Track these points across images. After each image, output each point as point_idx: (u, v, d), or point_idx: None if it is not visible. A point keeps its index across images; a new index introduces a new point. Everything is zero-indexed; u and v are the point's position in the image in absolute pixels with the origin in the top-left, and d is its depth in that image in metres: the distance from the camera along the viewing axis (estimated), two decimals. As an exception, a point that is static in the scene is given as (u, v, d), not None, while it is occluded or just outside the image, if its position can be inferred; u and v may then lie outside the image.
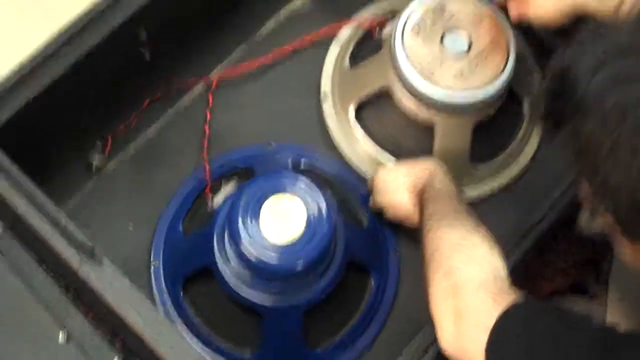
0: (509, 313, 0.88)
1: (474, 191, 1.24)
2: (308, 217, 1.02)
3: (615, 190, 0.76)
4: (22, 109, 1.08)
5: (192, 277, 1.14)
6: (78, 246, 0.98)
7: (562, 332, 0.84)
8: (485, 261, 0.96)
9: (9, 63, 1.10)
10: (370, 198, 1.19)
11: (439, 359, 1.02)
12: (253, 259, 1.01)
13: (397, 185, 1.12)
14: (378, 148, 1.23)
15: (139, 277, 1.14)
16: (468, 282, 0.94)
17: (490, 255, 0.96)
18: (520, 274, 1.04)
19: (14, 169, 1.02)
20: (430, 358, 1.03)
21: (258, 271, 1.03)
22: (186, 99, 1.28)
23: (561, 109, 0.80)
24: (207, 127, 1.25)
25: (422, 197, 1.08)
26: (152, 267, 1.16)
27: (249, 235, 1.01)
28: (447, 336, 0.95)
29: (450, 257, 0.97)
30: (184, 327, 1.11)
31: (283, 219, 1.02)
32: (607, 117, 0.75)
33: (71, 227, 0.99)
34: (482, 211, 1.08)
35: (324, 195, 1.04)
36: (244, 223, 1.01)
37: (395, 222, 1.16)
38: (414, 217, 1.10)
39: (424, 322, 1.02)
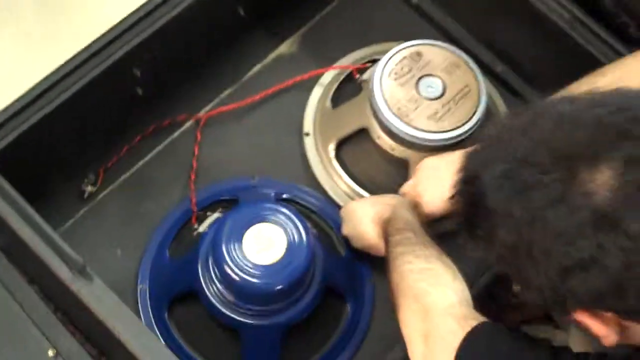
0: (472, 335, 0.93)
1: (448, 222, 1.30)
2: (288, 243, 1.09)
3: (538, 288, 0.79)
4: (20, 137, 1.15)
5: (176, 300, 1.20)
6: (70, 263, 1.04)
7: (520, 352, 0.89)
8: (449, 287, 1.02)
9: (11, 94, 1.17)
10: (342, 226, 1.25)
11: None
12: (235, 280, 1.07)
13: (361, 216, 1.19)
14: (355, 184, 1.30)
15: (126, 300, 1.17)
16: (435, 306, 0.99)
17: (453, 282, 1.03)
18: (489, 303, 1.10)
19: (11, 191, 1.08)
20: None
21: (240, 291, 1.09)
22: (176, 134, 1.35)
23: (473, 215, 0.83)
24: (194, 161, 1.32)
25: (386, 229, 1.14)
26: (139, 290, 1.22)
27: (232, 257, 1.07)
28: (417, 355, 1.00)
29: (417, 281, 1.03)
30: (169, 346, 1.16)
31: (265, 244, 1.09)
32: (517, 225, 0.78)
33: (64, 245, 1.05)
34: (453, 242, 1.14)
35: (303, 223, 1.11)
36: (228, 246, 1.08)
37: (362, 250, 1.22)
38: (379, 247, 1.16)
39: (395, 346, 1.09)
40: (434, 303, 1.00)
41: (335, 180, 1.32)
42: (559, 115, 0.78)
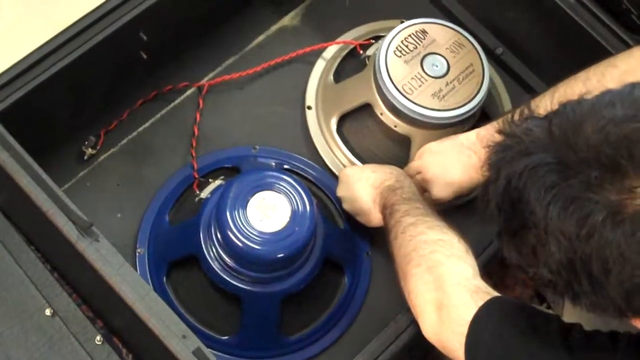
0: (485, 308, 0.94)
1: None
2: (292, 212, 1.10)
3: (594, 303, 0.77)
4: (25, 98, 1.15)
5: (175, 265, 1.20)
6: (76, 222, 1.04)
7: (533, 327, 0.90)
8: (463, 259, 1.03)
9: (17, 54, 1.16)
10: (337, 188, 1.25)
11: (402, 353, 1.10)
12: (238, 246, 1.08)
13: (359, 178, 1.19)
14: (356, 159, 1.31)
15: (124, 263, 1.20)
16: (448, 278, 1.00)
17: (466, 255, 1.04)
18: (484, 281, 1.12)
19: (19, 147, 1.08)
20: (391, 353, 1.09)
21: (241, 258, 1.10)
22: (177, 101, 1.35)
23: (516, 230, 0.80)
24: (196, 128, 1.32)
25: (389, 197, 1.14)
26: (137, 254, 1.22)
27: (236, 223, 1.08)
28: (429, 326, 1.01)
29: (432, 253, 1.03)
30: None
31: (269, 212, 1.10)
32: (571, 242, 0.75)
33: (70, 204, 1.05)
34: (450, 220, 1.16)
35: (308, 194, 1.12)
36: (232, 212, 1.08)
37: (351, 213, 1.22)
38: (371, 213, 1.17)
39: (390, 319, 1.10)
40: (448, 274, 1.01)
41: (336, 154, 1.32)
42: (604, 120, 0.75)
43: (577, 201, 0.74)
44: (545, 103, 1.11)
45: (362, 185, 1.18)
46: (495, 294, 0.97)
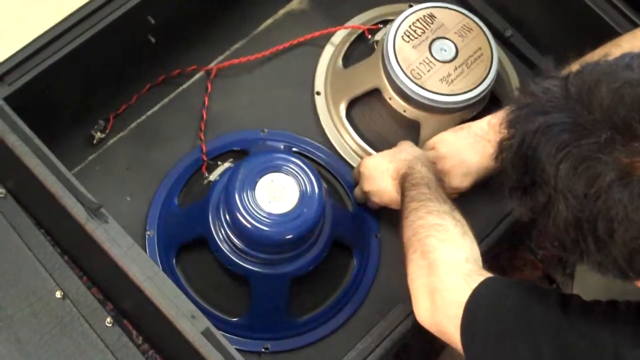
0: (479, 289, 0.95)
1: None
2: (301, 193, 1.10)
3: (597, 261, 0.78)
4: (33, 80, 1.15)
5: (184, 247, 1.21)
6: (85, 204, 1.04)
7: (528, 304, 0.90)
8: (457, 244, 1.03)
9: (26, 36, 1.16)
10: (356, 187, 1.26)
11: (409, 334, 1.10)
12: (247, 227, 1.08)
13: (381, 172, 1.19)
14: (365, 143, 1.31)
15: (134, 246, 1.20)
16: (441, 262, 1.01)
17: (462, 238, 1.04)
18: (492, 263, 1.12)
19: (28, 130, 1.09)
20: (400, 333, 1.10)
21: (250, 239, 1.10)
22: (186, 85, 1.35)
23: (527, 187, 0.81)
24: (204, 112, 1.32)
25: (402, 184, 1.15)
26: (147, 237, 1.22)
27: (244, 204, 1.08)
28: (423, 311, 1.02)
29: (426, 238, 1.04)
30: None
31: (277, 193, 1.10)
32: (580, 202, 0.76)
33: (79, 186, 1.05)
34: (457, 202, 1.16)
35: (316, 176, 1.12)
36: (240, 193, 1.08)
37: (381, 206, 1.23)
38: (397, 202, 1.17)
39: (399, 301, 1.11)
40: (441, 259, 1.01)
41: (345, 139, 1.33)
42: (620, 82, 0.76)
43: (588, 161, 0.75)
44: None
45: (385, 178, 1.19)
46: (489, 275, 0.97)
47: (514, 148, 0.81)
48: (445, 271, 1.00)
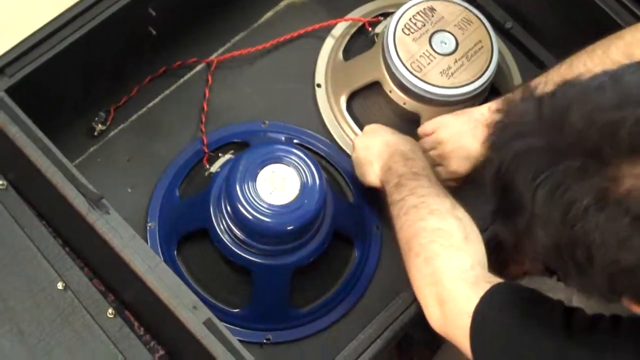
0: (486, 299, 0.94)
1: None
2: (301, 184, 1.10)
3: (581, 285, 0.78)
4: (34, 72, 1.15)
5: (185, 239, 1.21)
6: (87, 194, 1.04)
7: (534, 315, 0.90)
8: (461, 249, 1.02)
9: (27, 28, 1.16)
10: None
11: (410, 325, 1.11)
12: (248, 218, 1.08)
13: (378, 134, 1.20)
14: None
15: (135, 238, 1.20)
16: (446, 271, 1.00)
17: (465, 242, 1.02)
18: (493, 257, 1.12)
19: (29, 121, 1.09)
20: (401, 324, 1.10)
21: (251, 230, 1.11)
22: (187, 77, 1.36)
23: (507, 212, 0.80)
24: (205, 104, 1.32)
25: (398, 166, 1.13)
26: (148, 228, 1.23)
27: (246, 195, 1.08)
28: (434, 319, 1.01)
29: (430, 243, 1.03)
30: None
31: (278, 184, 1.10)
32: (557, 228, 0.75)
33: (80, 177, 1.06)
34: (458, 196, 1.16)
35: (317, 167, 1.12)
36: (242, 184, 1.09)
37: (354, 163, 1.23)
38: (370, 166, 1.18)
39: (400, 291, 1.11)
40: (446, 267, 1.00)
41: (346, 131, 1.33)
42: (591, 106, 0.74)
43: (563, 187, 0.74)
44: (553, 77, 1.12)
45: (378, 140, 1.19)
46: (497, 280, 0.97)
47: (493, 173, 0.80)
48: (451, 281, 0.99)
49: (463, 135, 1.19)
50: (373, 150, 1.19)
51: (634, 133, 0.71)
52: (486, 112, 1.19)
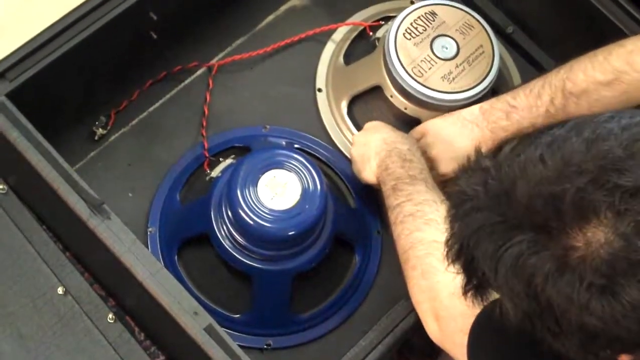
0: (483, 315, 0.93)
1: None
2: (303, 190, 1.10)
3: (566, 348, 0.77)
4: (35, 77, 1.15)
5: (186, 244, 1.21)
6: (88, 200, 1.04)
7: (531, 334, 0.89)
8: None
9: (28, 32, 1.16)
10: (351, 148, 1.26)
11: (411, 331, 1.11)
12: (249, 224, 1.08)
13: (378, 130, 1.20)
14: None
15: (136, 242, 1.20)
16: (443, 288, 1.00)
17: None
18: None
19: (30, 126, 1.09)
20: (402, 330, 1.11)
21: (253, 236, 1.11)
22: (187, 81, 1.35)
23: (476, 288, 0.79)
24: (206, 108, 1.32)
25: (395, 166, 1.13)
26: (149, 233, 1.22)
27: (247, 200, 1.08)
28: (433, 333, 1.02)
29: (426, 256, 1.03)
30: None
31: (279, 190, 1.10)
32: (522, 300, 0.74)
33: (82, 182, 1.06)
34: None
35: (318, 172, 1.12)
36: (243, 190, 1.09)
37: (352, 159, 1.23)
38: (367, 162, 1.17)
39: (401, 297, 1.11)
40: (442, 284, 1.00)
41: (347, 136, 1.33)
42: (534, 181, 0.73)
43: (521, 259, 0.73)
44: (551, 80, 1.13)
45: (377, 137, 1.19)
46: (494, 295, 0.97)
47: (455, 252, 0.80)
48: (447, 297, 0.99)
49: (450, 136, 1.19)
50: (371, 146, 1.19)
51: (577, 203, 0.71)
52: (477, 111, 1.19)
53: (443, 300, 0.99)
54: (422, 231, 1.05)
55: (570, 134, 0.75)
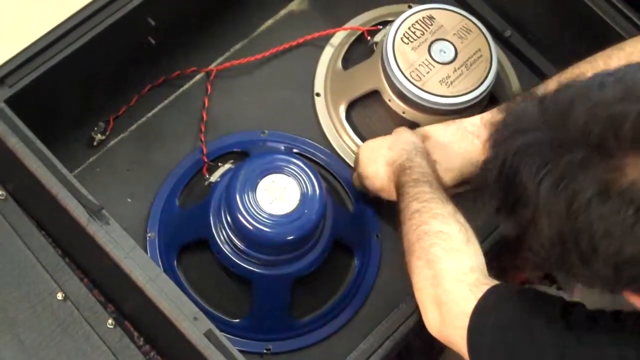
0: (484, 299, 0.95)
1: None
2: (302, 194, 1.10)
3: (584, 276, 0.79)
4: (33, 83, 1.15)
5: (185, 249, 1.21)
6: (87, 205, 1.04)
7: (532, 313, 0.90)
8: (462, 252, 1.03)
9: (26, 38, 1.16)
10: (354, 175, 1.26)
11: (411, 334, 1.11)
12: (248, 229, 1.09)
13: (378, 156, 1.19)
14: (364, 144, 1.31)
15: (135, 248, 1.20)
16: (447, 273, 1.01)
17: (466, 246, 1.03)
18: (493, 264, 1.12)
19: (28, 132, 1.09)
20: (402, 334, 1.11)
21: (252, 240, 1.11)
22: (186, 87, 1.35)
23: (511, 206, 0.81)
24: (204, 113, 1.32)
25: (400, 175, 1.14)
26: (148, 238, 1.22)
27: (246, 205, 1.08)
28: (432, 322, 1.02)
29: (431, 247, 1.04)
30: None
31: (278, 194, 1.10)
32: (561, 219, 0.76)
33: (81, 187, 1.06)
34: (457, 204, 1.16)
35: (317, 177, 1.12)
36: (242, 194, 1.09)
37: (371, 192, 1.23)
38: (389, 190, 1.17)
39: (400, 301, 1.11)
40: (446, 270, 1.01)
41: (345, 141, 1.33)
42: (593, 101, 0.76)
43: (567, 179, 0.76)
44: (553, 85, 1.13)
45: (380, 164, 1.18)
46: (495, 283, 0.97)
47: (497, 170, 0.82)
48: (450, 282, 1.00)
49: (448, 146, 1.19)
50: (380, 175, 1.18)
51: (637, 126, 0.73)
52: (478, 122, 1.20)
53: (446, 286, 1.00)
54: (428, 224, 1.06)
55: (631, 68, 0.79)
